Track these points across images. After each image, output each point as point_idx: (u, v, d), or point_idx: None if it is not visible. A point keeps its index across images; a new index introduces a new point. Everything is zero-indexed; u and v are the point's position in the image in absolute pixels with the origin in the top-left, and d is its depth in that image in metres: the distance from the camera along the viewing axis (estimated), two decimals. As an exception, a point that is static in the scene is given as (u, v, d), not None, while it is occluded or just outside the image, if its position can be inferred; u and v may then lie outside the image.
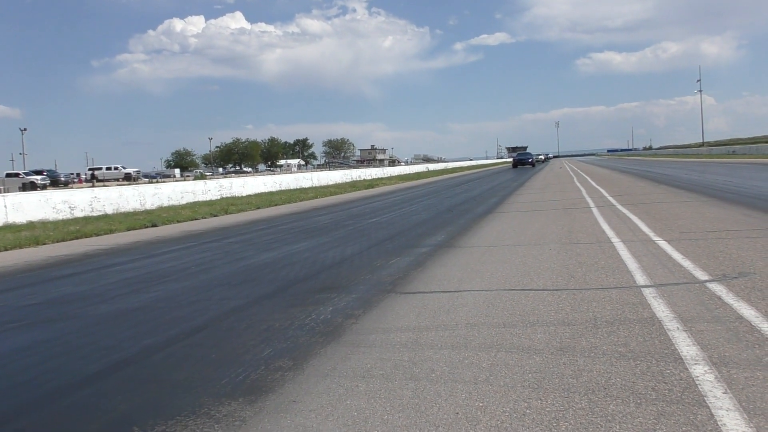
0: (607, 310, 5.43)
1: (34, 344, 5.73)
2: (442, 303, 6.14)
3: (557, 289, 6.39)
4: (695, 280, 6.36)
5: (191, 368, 4.68)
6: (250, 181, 35.40)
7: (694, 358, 4.11)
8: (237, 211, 22.12)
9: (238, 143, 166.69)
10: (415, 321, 5.53)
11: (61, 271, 10.14)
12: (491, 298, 6.18)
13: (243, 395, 4.01)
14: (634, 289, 6.19)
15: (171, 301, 7.13)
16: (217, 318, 6.19)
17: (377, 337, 5.11)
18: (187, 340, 5.54)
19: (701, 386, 3.64)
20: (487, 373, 4.10)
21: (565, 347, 4.52)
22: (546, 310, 5.60)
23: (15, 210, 19.01)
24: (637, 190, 21.35)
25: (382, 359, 4.53)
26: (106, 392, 4.31)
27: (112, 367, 4.86)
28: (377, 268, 8.42)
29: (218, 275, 8.75)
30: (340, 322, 5.66)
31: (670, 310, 5.26)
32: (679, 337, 4.56)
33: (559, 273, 7.23)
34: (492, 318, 5.44)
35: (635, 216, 12.48)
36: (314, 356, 4.72)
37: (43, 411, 4.04)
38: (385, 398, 3.80)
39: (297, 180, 40.71)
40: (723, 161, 55.34)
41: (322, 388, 4.04)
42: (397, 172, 66.39)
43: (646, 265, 7.29)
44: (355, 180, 48.72)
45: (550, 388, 3.77)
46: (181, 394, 4.13)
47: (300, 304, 6.46)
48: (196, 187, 29.08)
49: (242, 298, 7.02)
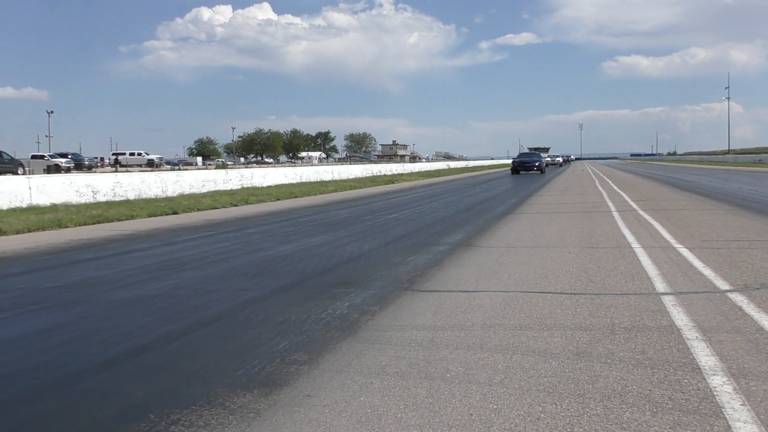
0: (625, 317, 5.40)
1: (54, 327, 5.79)
2: (459, 303, 6.13)
3: (575, 293, 6.35)
4: (716, 290, 6.30)
5: (207, 358, 4.71)
6: (271, 172, 35.52)
7: (713, 368, 4.07)
8: (257, 201, 22.21)
9: (260, 134, 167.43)
10: (431, 320, 5.52)
11: (82, 255, 10.23)
12: (508, 300, 6.16)
13: (258, 387, 4.02)
14: (653, 296, 6.15)
15: (189, 290, 7.17)
16: (234, 309, 6.22)
17: (393, 334, 5.11)
18: (203, 329, 5.57)
19: (719, 397, 3.61)
20: (502, 375, 4.08)
21: (581, 352, 4.49)
22: (563, 314, 5.57)
23: (39, 192, 19.21)
24: (659, 195, 21.17)
25: (398, 357, 4.53)
26: (123, 378, 4.34)
27: (130, 353, 4.90)
28: (394, 264, 8.42)
29: (236, 265, 8.79)
30: (356, 317, 5.67)
31: (689, 319, 5.21)
32: (697, 346, 4.52)
33: (577, 277, 7.19)
34: (508, 320, 5.42)
35: (657, 222, 12.38)
36: (329, 351, 4.72)
37: (60, 394, 4.08)
38: (399, 396, 3.80)
39: (317, 173, 40.76)
40: (748, 170, 54.73)
41: (336, 384, 4.05)
42: (418, 168, 66.35)
43: (667, 272, 7.23)
44: (376, 175, 48.71)
45: (566, 393, 3.75)
46: (196, 384, 4.15)
47: (316, 298, 6.47)
48: (217, 176, 29.22)
49: (259, 290, 7.05)
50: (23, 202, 18.52)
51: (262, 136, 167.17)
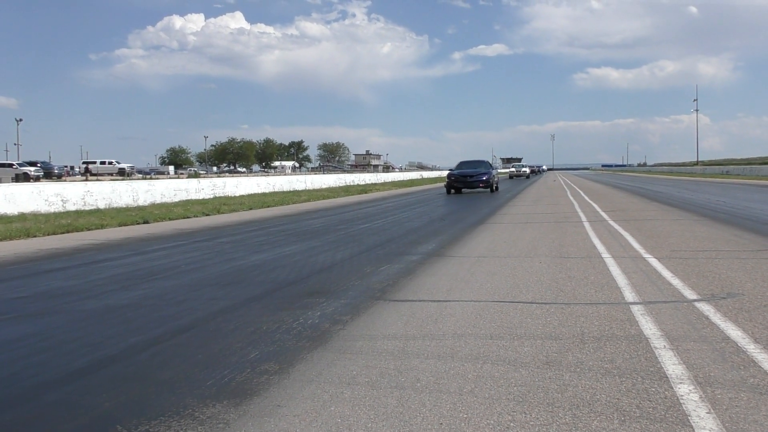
0: (594, 326, 5.44)
1: (20, 338, 5.70)
2: (431, 312, 6.14)
3: (546, 303, 6.40)
4: (684, 299, 6.38)
5: (177, 368, 4.67)
6: (244, 182, 35.38)
7: (680, 377, 4.12)
8: (229, 211, 22.09)
9: (233, 143, 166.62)
10: (403, 329, 5.52)
11: (50, 265, 10.10)
12: (479, 309, 6.18)
13: (228, 397, 3.99)
14: (622, 305, 6.21)
15: (159, 299, 7.11)
16: (205, 318, 6.17)
17: (364, 344, 5.11)
18: (173, 339, 5.52)
19: (686, 405, 3.65)
20: (472, 385, 4.09)
21: (551, 361, 4.52)
22: (534, 323, 5.60)
23: (7, 201, 18.93)
24: (629, 206, 21.42)
25: (368, 366, 4.52)
26: (90, 389, 4.29)
27: (97, 364, 4.84)
28: (367, 274, 8.42)
29: (207, 275, 8.73)
30: (327, 327, 5.65)
31: (657, 328, 5.27)
32: (665, 355, 4.57)
33: (548, 286, 7.24)
34: (479, 329, 5.45)
35: (627, 232, 12.52)
36: (300, 361, 4.70)
37: (25, 407, 4.01)
38: (370, 406, 3.79)
39: (290, 182, 40.67)
40: (716, 181, 55.57)
41: (307, 394, 4.04)
42: (391, 178, 66.48)
43: (636, 281, 7.31)
44: (349, 184, 48.71)
45: (535, 402, 3.77)
46: (165, 394, 4.11)
47: (288, 308, 6.45)
48: (189, 185, 29.04)
49: (231, 299, 7.01)
50: (-10, 211, 18.23)
51: (235, 145, 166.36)
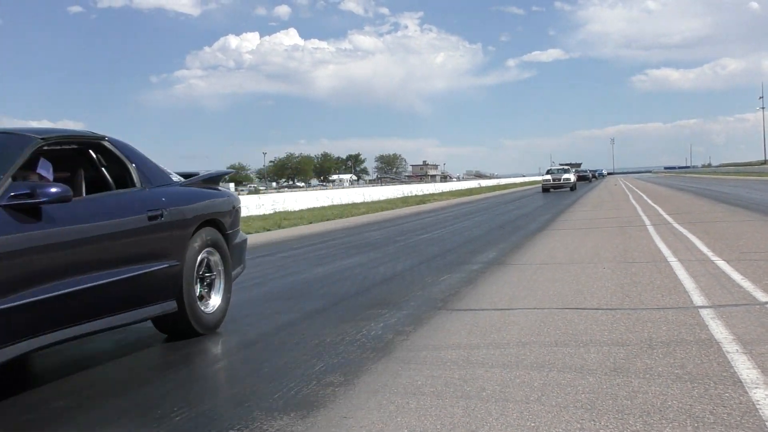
0: (662, 331, 5.33)
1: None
2: (493, 321, 6.11)
3: (611, 309, 6.29)
4: (755, 302, 6.19)
5: (243, 382, 4.75)
6: (303, 196, 35.82)
7: (755, 381, 4.00)
8: (290, 225, 22.36)
9: (291, 158, 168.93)
10: (466, 338, 5.50)
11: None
12: (543, 317, 6.12)
13: (295, 410, 4.04)
14: (691, 309, 6.06)
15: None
16: (269, 332, 6.26)
17: (428, 354, 5.11)
18: (239, 353, 5.62)
19: (762, 411, 3.54)
20: (539, 393, 4.05)
21: (619, 368, 4.44)
22: (599, 329, 5.51)
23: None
24: (695, 208, 20.89)
25: (433, 376, 4.52)
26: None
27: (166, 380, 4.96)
28: (428, 284, 8.41)
29: (270, 289, 8.86)
30: (390, 338, 5.67)
31: (728, 332, 5.12)
32: (738, 359, 4.44)
33: (613, 292, 7.12)
34: (544, 337, 5.39)
35: (693, 235, 12.21)
36: (365, 372, 4.73)
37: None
38: (436, 416, 3.79)
39: (349, 195, 40.93)
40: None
41: (373, 405, 4.05)
42: (449, 187, 66.35)
43: (704, 285, 7.13)
44: (407, 195, 48.75)
45: (604, 410, 3.70)
46: (234, 408, 4.19)
47: (351, 320, 6.49)
48: (250, 201, 29.48)
49: (294, 313, 7.09)
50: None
51: (293, 160, 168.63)
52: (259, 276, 10.32)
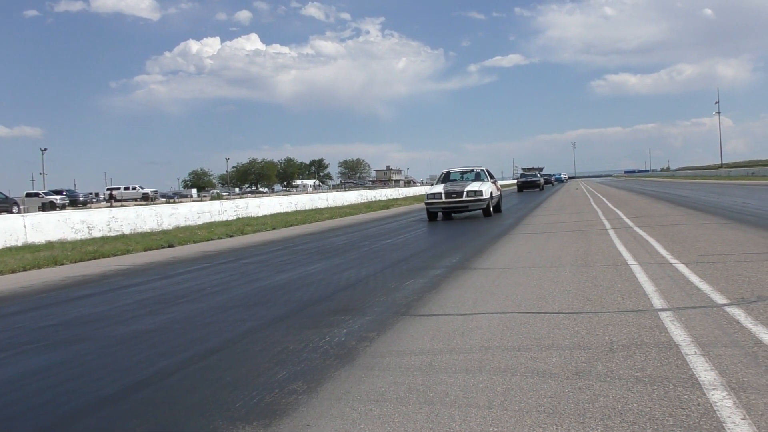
0: (623, 334, 5.39)
1: (51, 366, 5.76)
2: (457, 326, 6.12)
3: (573, 312, 6.35)
4: (713, 304, 6.29)
5: (206, 391, 4.69)
6: (266, 202, 35.56)
7: (713, 383, 4.06)
8: (253, 231, 22.20)
9: (254, 163, 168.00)
10: (430, 344, 5.51)
11: (78, 292, 10.20)
12: (506, 321, 6.15)
13: (257, 419, 4.00)
14: (650, 312, 6.14)
15: (186, 323, 7.15)
16: (232, 340, 6.19)
17: (391, 360, 5.10)
18: (201, 362, 5.55)
19: (720, 412, 3.59)
20: (501, 398, 4.07)
21: (580, 371, 4.48)
22: (561, 333, 5.56)
23: (34, 230, 19.19)
24: (654, 211, 21.21)
25: (396, 383, 4.51)
26: (120, 415, 4.31)
27: (127, 389, 4.87)
28: (392, 290, 8.41)
29: (233, 296, 8.77)
30: (354, 344, 5.65)
31: (687, 334, 5.20)
32: (696, 361, 4.51)
33: (574, 296, 7.19)
34: (507, 341, 5.41)
35: (652, 238, 12.39)
36: (328, 379, 4.70)
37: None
38: (399, 422, 3.78)
39: (312, 200, 40.83)
40: (742, 183, 54.91)
41: (336, 412, 4.03)
42: (413, 192, 66.42)
43: (663, 288, 7.23)
44: (371, 201, 48.77)
45: (566, 413, 3.73)
46: (195, 417, 4.13)
47: (314, 326, 6.45)
48: (212, 207, 29.24)
49: (256, 320, 7.03)
50: (18, 241, 18.50)
51: (256, 165, 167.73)
52: (222, 283, 10.21)
